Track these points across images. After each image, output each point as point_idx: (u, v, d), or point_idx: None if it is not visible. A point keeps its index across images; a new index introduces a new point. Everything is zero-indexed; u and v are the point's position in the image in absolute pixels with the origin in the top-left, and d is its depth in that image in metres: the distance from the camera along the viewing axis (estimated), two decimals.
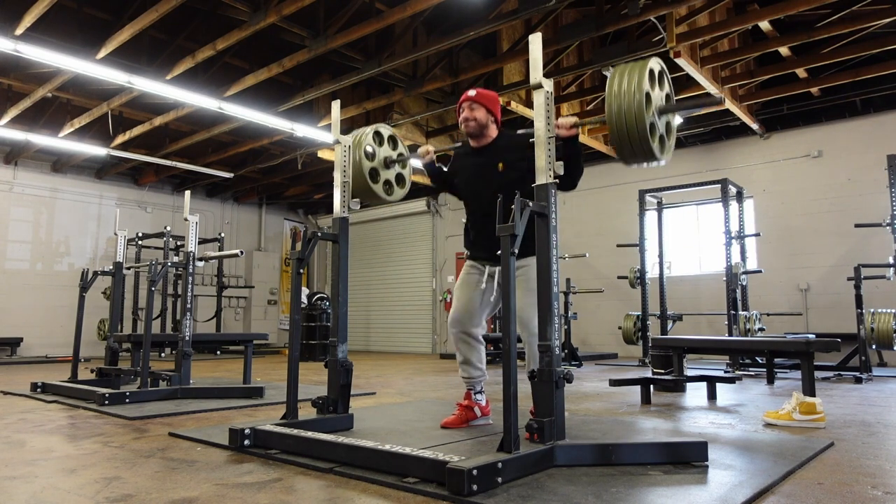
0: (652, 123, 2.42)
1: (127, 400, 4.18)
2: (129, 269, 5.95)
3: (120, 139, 9.26)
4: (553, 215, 2.52)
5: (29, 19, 5.80)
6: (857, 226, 7.03)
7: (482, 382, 3.33)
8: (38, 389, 4.90)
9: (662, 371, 5.48)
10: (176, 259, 6.54)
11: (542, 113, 2.58)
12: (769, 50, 6.88)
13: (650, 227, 8.42)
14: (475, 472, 1.99)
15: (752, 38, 7.43)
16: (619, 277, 8.94)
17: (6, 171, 10.45)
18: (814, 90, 8.05)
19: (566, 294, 8.53)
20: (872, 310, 6.23)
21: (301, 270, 3.10)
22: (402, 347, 12.93)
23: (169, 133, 9.85)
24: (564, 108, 8.32)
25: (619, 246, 9.00)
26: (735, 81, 7.68)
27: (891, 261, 6.41)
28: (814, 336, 6.33)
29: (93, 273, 5.58)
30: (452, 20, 6.57)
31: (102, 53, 6.44)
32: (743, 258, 7.63)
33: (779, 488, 2.13)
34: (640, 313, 8.25)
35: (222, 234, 11.15)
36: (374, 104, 8.09)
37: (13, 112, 8.14)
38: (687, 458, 2.44)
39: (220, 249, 10.83)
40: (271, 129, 8.81)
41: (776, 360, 6.04)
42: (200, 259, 5.11)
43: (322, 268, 15.10)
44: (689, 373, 5.05)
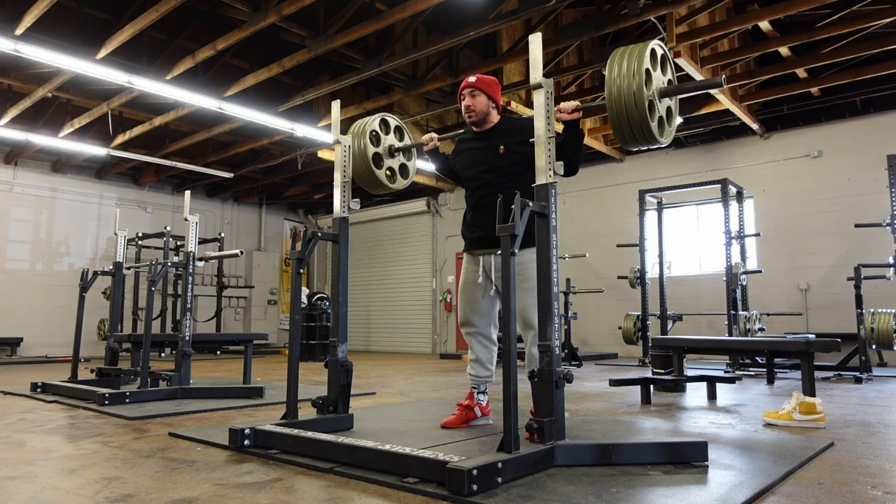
0: (650, 101, 2.39)
1: (127, 400, 4.18)
2: (129, 269, 5.95)
3: (120, 139, 9.26)
4: (553, 215, 2.51)
5: (29, 19, 5.80)
6: (857, 226, 7.02)
7: (488, 383, 3.33)
8: (38, 389, 4.91)
9: (662, 371, 5.49)
10: (176, 259, 6.54)
11: (542, 113, 2.58)
12: (769, 50, 6.88)
13: (650, 227, 8.41)
14: (475, 472, 1.99)
15: (752, 38, 7.43)
16: (619, 277, 8.94)
17: (6, 171, 10.45)
18: (814, 90, 8.05)
19: (566, 294, 8.53)
20: (872, 310, 6.23)
21: (301, 270, 3.09)
22: (402, 347, 12.92)
23: (169, 133, 9.85)
24: None
25: (619, 246, 9.00)
26: (735, 81, 7.68)
27: (891, 261, 6.41)
28: (814, 336, 6.34)
29: (93, 273, 5.58)
30: (452, 20, 6.57)
31: (102, 53, 6.44)
32: (743, 258, 7.63)
33: (779, 488, 2.13)
34: (640, 313, 8.25)
35: (222, 234, 11.15)
36: (374, 104, 8.09)
37: (13, 112, 8.15)
38: (687, 458, 2.44)
39: (220, 249, 10.82)
40: (271, 129, 8.81)
41: (776, 360, 6.04)
42: (200, 259, 5.11)
43: (322, 268, 15.10)
44: (689, 373, 5.05)
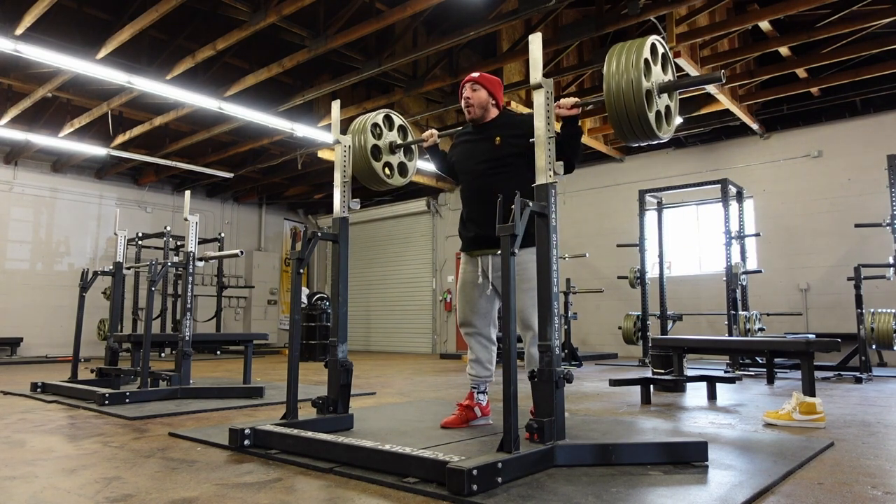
0: (648, 92, 2.38)
1: (127, 400, 4.18)
2: (129, 269, 5.95)
3: (120, 139, 9.26)
4: (553, 215, 2.51)
5: (29, 19, 5.80)
6: (856, 226, 7.02)
7: (487, 383, 3.33)
8: (38, 389, 4.90)
9: (662, 371, 5.48)
10: (176, 259, 6.54)
11: (542, 113, 2.58)
12: (769, 50, 6.88)
13: (650, 227, 8.41)
14: (475, 472, 1.99)
15: (752, 38, 7.43)
16: (619, 277, 8.94)
17: (6, 171, 10.45)
18: (814, 90, 8.05)
19: (566, 294, 8.53)
20: (872, 310, 6.23)
21: (301, 270, 3.09)
22: (402, 347, 12.92)
23: (169, 133, 9.85)
24: None
25: (619, 246, 9.00)
26: (735, 81, 7.68)
27: (891, 261, 6.41)
28: (814, 336, 6.34)
29: (93, 273, 5.58)
30: (452, 20, 6.57)
31: (102, 53, 6.44)
32: (743, 258, 7.63)
33: (779, 488, 2.13)
34: (640, 313, 8.25)
35: (222, 234, 11.15)
36: (374, 104, 8.08)
37: (13, 112, 8.14)
38: (687, 458, 2.44)
39: (220, 249, 10.82)
40: (271, 129, 8.81)
41: (776, 360, 6.04)
42: (200, 259, 5.11)
43: (322, 268, 15.10)
44: (689, 373, 5.05)
